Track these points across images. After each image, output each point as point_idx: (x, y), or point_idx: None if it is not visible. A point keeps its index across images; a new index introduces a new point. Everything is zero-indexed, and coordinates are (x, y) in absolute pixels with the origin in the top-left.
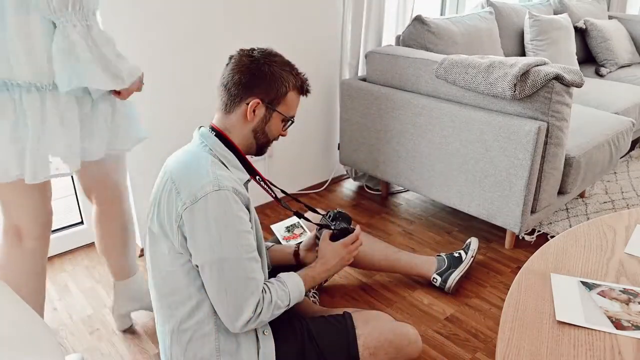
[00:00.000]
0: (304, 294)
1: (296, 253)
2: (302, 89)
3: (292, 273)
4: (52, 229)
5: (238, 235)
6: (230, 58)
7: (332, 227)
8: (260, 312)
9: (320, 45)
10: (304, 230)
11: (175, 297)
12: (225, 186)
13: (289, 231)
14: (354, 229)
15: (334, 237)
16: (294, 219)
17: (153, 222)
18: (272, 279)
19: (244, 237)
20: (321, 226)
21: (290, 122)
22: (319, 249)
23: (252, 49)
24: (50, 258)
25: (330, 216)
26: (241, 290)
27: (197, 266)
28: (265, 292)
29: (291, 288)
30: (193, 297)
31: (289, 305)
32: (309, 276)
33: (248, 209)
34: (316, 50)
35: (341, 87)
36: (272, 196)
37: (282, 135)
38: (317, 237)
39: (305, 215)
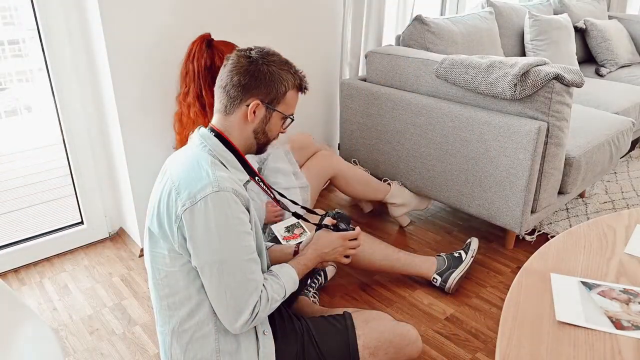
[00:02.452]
0: (298, 282)
1: (296, 253)
2: (301, 86)
3: (283, 264)
4: (52, 229)
5: (238, 237)
6: (228, 59)
7: (331, 228)
8: (258, 312)
9: (320, 45)
10: (304, 230)
11: (175, 297)
12: (225, 187)
13: (288, 231)
14: (354, 229)
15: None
16: (294, 219)
17: (152, 222)
18: (265, 274)
19: (243, 238)
20: (320, 226)
21: (290, 120)
22: (315, 235)
23: (250, 49)
24: (50, 258)
25: (329, 216)
26: (241, 292)
27: (196, 267)
28: (262, 290)
29: (285, 279)
30: (193, 297)
31: (285, 296)
32: (300, 264)
33: (248, 210)
34: (316, 50)
35: (341, 87)
36: (270, 197)
37: (282, 132)
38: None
39: (304, 215)
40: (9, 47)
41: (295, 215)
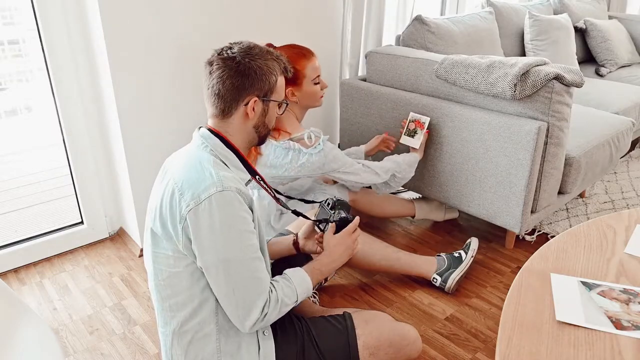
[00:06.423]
0: (311, 288)
1: (295, 243)
2: (286, 69)
3: (297, 268)
4: (52, 229)
5: (242, 236)
6: (211, 64)
7: (331, 218)
8: (267, 312)
9: (320, 45)
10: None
11: (178, 298)
12: (228, 187)
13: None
14: (354, 218)
15: (336, 230)
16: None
17: (155, 223)
18: (277, 277)
19: (248, 237)
20: (320, 221)
21: (285, 104)
22: (324, 244)
23: (229, 49)
24: (50, 258)
25: (329, 204)
26: (248, 290)
27: (201, 267)
28: (272, 291)
29: (297, 283)
30: (195, 298)
31: (297, 301)
32: (315, 269)
33: (251, 209)
34: (316, 50)
35: (341, 87)
36: (271, 195)
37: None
38: (317, 227)
39: (305, 213)
40: (9, 47)
41: (295, 213)
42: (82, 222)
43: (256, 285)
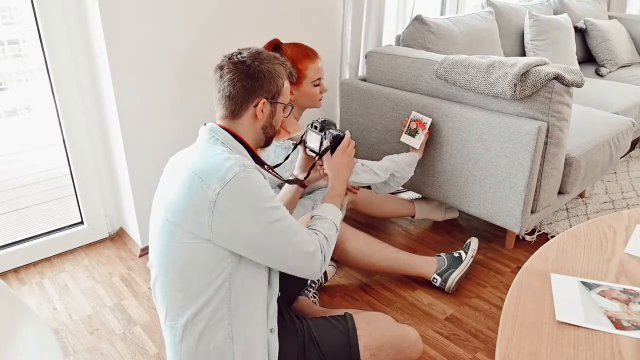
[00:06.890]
0: (340, 213)
1: (298, 181)
2: (291, 74)
3: (320, 205)
4: (52, 229)
5: (272, 200)
6: (222, 68)
7: (323, 140)
8: (324, 251)
9: (320, 45)
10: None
11: (193, 287)
12: (248, 165)
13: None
14: (344, 133)
15: (332, 151)
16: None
17: (174, 214)
18: (310, 222)
19: (275, 200)
20: (318, 154)
21: (290, 107)
22: (326, 169)
23: (239, 54)
24: (50, 258)
25: (315, 127)
26: (301, 242)
27: (241, 247)
28: (317, 233)
29: (329, 215)
30: (211, 285)
31: (337, 229)
32: (334, 196)
33: None
34: (316, 50)
35: (341, 87)
36: (282, 180)
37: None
38: (310, 149)
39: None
40: (9, 47)
41: (299, 182)
42: (82, 222)
43: (304, 234)
